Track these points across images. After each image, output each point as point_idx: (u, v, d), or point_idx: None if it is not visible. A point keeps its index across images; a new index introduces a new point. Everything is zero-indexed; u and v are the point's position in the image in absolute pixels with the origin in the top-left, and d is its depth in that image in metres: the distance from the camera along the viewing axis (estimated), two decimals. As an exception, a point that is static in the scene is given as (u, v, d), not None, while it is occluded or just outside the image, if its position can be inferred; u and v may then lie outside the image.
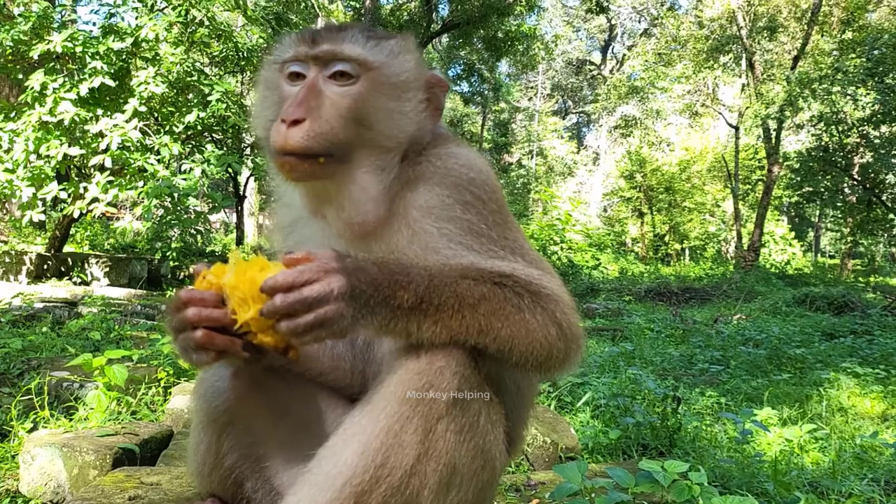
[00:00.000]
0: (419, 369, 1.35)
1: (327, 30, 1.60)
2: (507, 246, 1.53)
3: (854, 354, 8.46)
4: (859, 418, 5.80)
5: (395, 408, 1.32)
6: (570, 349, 1.48)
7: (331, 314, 1.25)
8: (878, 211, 23.44)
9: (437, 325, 1.34)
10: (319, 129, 1.48)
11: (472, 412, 1.39)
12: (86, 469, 2.82)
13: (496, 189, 1.59)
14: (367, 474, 1.29)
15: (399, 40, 1.63)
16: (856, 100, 19.84)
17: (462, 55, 29.48)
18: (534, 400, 1.83)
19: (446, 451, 1.33)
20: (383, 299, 1.29)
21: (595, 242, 27.45)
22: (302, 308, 1.24)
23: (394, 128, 1.57)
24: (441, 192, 1.53)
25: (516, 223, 1.65)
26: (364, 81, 1.55)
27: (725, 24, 26.98)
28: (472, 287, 1.37)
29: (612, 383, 5.73)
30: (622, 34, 48.31)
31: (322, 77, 1.55)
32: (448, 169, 1.56)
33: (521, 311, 1.40)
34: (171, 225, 11.17)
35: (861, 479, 3.37)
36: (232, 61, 12.69)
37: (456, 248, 1.49)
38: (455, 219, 1.51)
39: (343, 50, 1.54)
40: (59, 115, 10.06)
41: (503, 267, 1.46)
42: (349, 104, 1.53)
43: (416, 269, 1.35)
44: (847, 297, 14.40)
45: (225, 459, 1.73)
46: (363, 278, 1.29)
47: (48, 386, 4.16)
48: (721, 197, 34.85)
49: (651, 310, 14.62)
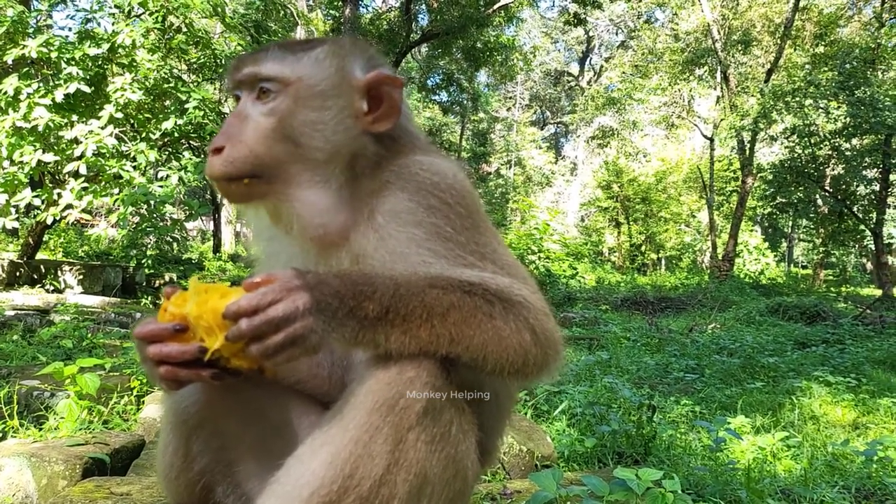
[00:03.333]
0: (389, 379, 1.34)
1: (252, 53, 1.61)
2: (476, 251, 1.52)
3: (826, 363, 8.57)
4: (831, 426, 5.87)
5: (364, 418, 1.31)
6: (547, 354, 1.47)
7: (300, 331, 1.24)
8: (849, 222, 23.87)
9: (406, 335, 1.33)
10: (236, 154, 1.51)
11: (444, 422, 1.38)
12: (55, 479, 2.78)
13: (465, 194, 1.57)
14: (335, 484, 1.27)
15: (326, 47, 1.61)
16: (828, 112, 20.21)
17: (441, 65, 29.55)
18: (511, 409, 1.81)
19: (417, 460, 1.32)
20: (349, 311, 1.28)
21: (572, 252, 27.52)
22: (269, 329, 1.23)
23: (321, 140, 1.55)
24: (406, 196, 1.52)
25: (491, 229, 1.63)
26: (284, 97, 1.54)
27: (701, 37, 27.42)
28: (441, 296, 1.35)
29: (589, 392, 5.75)
30: (600, 46, 48.85)
31: (251, 100, 1.57)
32: (412, 174, 1.55)
33: (492, 318, 1.39)
34: (146, 232, 11.05)
35: (832, 486, 3.40)
36: (210, 68, 12.60)
37: (423, 254, 1.48)
38: (421, 223, 1.49)
39: (261, 70, 1.55)
40: (33, 121, 9.91)
41: (471, 276, 1.44)
42: (271, 123, 1.53)
43: (380, 279, 1.34)
44: (819, 307, 14.62)
45: (194, 463, 1.69)
46: (327, 291, 1.28)
47: (18, 395, 4.11)
48: (696, 207, 35.29)
49: (627, 319, 14.72)
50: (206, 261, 19.85)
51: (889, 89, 20.28)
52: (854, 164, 21.01)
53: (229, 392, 1.66)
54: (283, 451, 1.47)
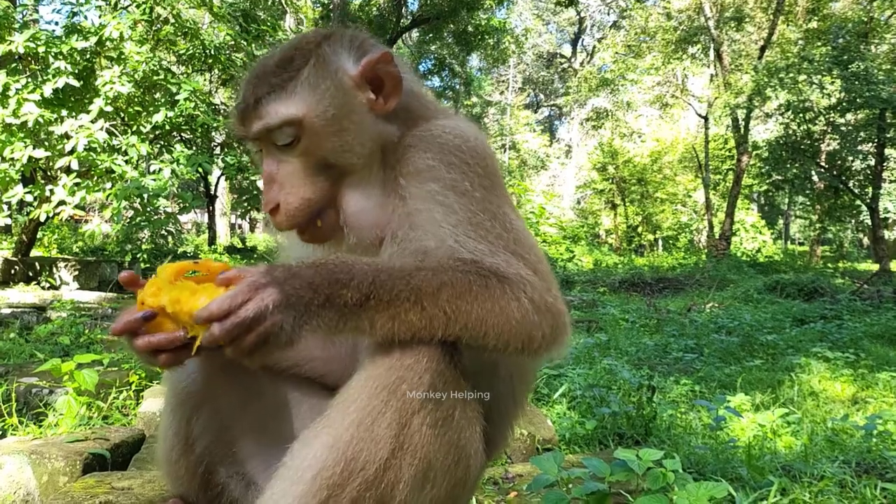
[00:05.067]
0: (390, 364, 1.33)
1: (247, 104, 1.56)
2: (488, 210, 1.50)
3: (824, 339, 8.61)
4: (830, 402, 5.90)
5: (365, 401, 1.31)
6: (553, 327, 1.44)
7: (270, 328, 1.24)
8: (845, 197, 23.88)
9: (394, 320, 1.32)
10: (295, 204, 1.54)
11: (447, 407, 1.37)
12: (56, 476, 2.78)
13: (486, 156, 1.57)
14: (337, 467, 1.27)
15: (312, 64, 1.56)
16: (822, 88, 20.16)
17: (432, 50, 29.41)
18: (523, 400, 1.79)
19: (421, 445, 1.32)
20: (326, 300, 1.28)
21: (569, 235, 27.57)
22: (241, 331, 1.23)
23: (353, 155, 1.56)
24: (428, 156, 1.53)
25: (507, 195, 1.62)
26: (303, 136, 1.54)
27: (693, 15, 27.28)
28: (431, 277, 1.34)
29: (588, 374, 5.76)
30: (592, 27, 48.59)
31: (274, 149, 1.57)
32: (434, 136, 1.56)
33: (488, 291, 1.38)
34: (141, 227, 11.02)
35: (833, 461, 3.41)
36: (199, 59, 12.48)
37: (436, 209, 1.48)
38: (439, 178, 1.50)
39: (269, 121, 1.53)
40: (22, 117, 9.85)
41: (464, 254, 1.44)
42: (305, 163, 1.55)
43: (360, 265, 1.33)
44: (816, 284, 14.66)
45: (195, 445, 1.69)
46: (298, 284, 1.27)
47: (16, 392, 4.10)
48: (692, 187, 35.26)
49: (625, 300, 14.75)
50: (202, 253, 19.81)
51: (883, 63, 20.24)
52: (849, 140, 21.00)
53: (229, 372, 1.67)
54: (283, 431, 1.53)
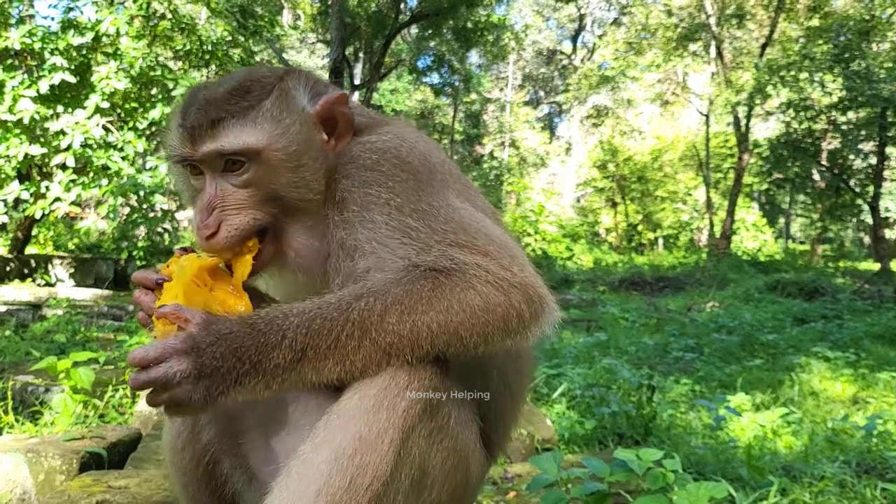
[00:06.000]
0: (385, 378, 1.33)
1: (200, 124, 1.50)
2: (416, 210, 1.45)
3: (825, 339, 8.60)
4: (830, 402, 5.88)
5: (364, 416, 1.30)
6: (528, 300, 1.39)
7: (178, 397, 1.24)
8: (846, 196, 23.87)
9: (343, 364, 1.31)
10: (235, 228, 1.50)
11: (443, 415, 1.38)
12: (52, 474, 2.80)
13: (407, 158, 1.52)
14: (343, 482, 1.27)
15: (271, 100, 1.53)
16: (823, 86, 20.13)
17: (431, 46, 29.31)
18: (520, 400, 1.79)
19: (420, 455, 1.33)
20: (251, 367, 1.27)
21: (568, 233, 27.57)
22: (154, 387, 1.25)
23: (305, 191, 1.54)
24: (347, 183, 1.51)
25: (447, 186, 1.56)
26: (256, 165, 1.51)
27: (694, 12, 27.20)
28: (374, 303, 1.32)
29: (588, 374, 5.74)
30: (592, 23, 48.48)
31: (217, 175, 1.52)
32: (351, 160, 1.54)
33: (438, 289, 1.34)
34: (137, 224, 11.01)
35: (833, 461, 3.39)
36: (196, 55, 12.45)
37: (359, 229, 1.46)
38: (357, 200, 1.48)
39: (223, 146, 1.49)
40: (18, 114, 9.86)
41: (398, 263, 1.40)
42: (251, 192, 1.52)
43: (293, 317, 1.31)
44: (817, 283, 14.66)
45: (202, 434, 1.69)
46: (219, 353, 1.26)
47: (12, 391, 4.13)
48: (693, 185, 35.20)
49: (625, 299, 14.75)
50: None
51: (884, 61, 20.17)
52: (850, 138, 20.98)
53: None
54: (289, 425, 1.55)
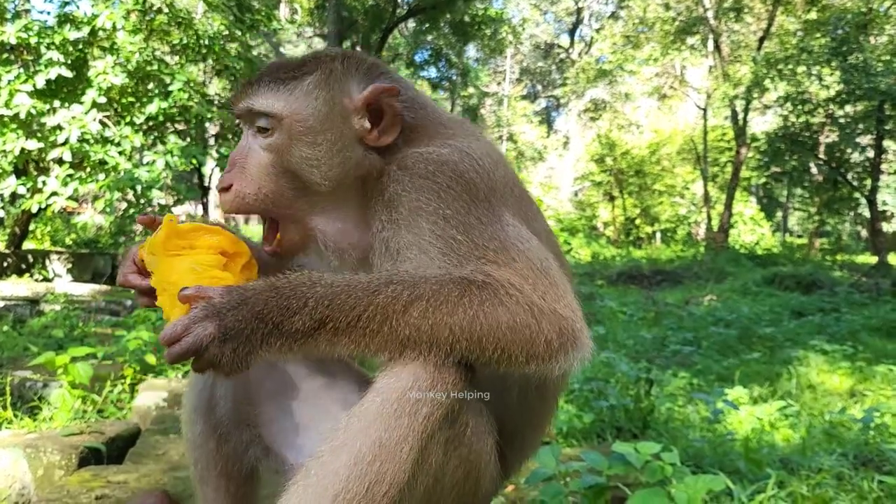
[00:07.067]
0: (407, 382, 1.32)
1: (248, 82, 1.59)
2: (463, 224, 1.43)
3: (822, 332, 8.61)
4: (828, 395, 5.89)
5: (384, 421, 1.30)
6: (559, 332, 1.36)
7: (209, 360, 1.29)
8: (843, 190, 23.86)
9: (358, 343, 1.32)
10: (246, 190, 1.55)
11: (461, 423, 1.38)
12: (51, 469, 2.81)
13: (466, 173, 1.49)
14: (361, 487, 1.27)
15: (317, 75, 1.55)
16: (821, 79, 20.11)
17: (429, 40, 29.24)
18: (541, 423, 1.79)
19: (435, 463, 1.34)
20: (274, 328, 1.30)
21: (566, 227, 27.57)
22: (189, 356, 1.30)
23: (318, 175, 1.54)
24: (398, 188, 1.50)
25: (502, 204, 1.53)
26: (279, 133, 1.54)
27: (692, 5, 27.12)
28: (401, 291, 1.32)
29: (586, 367, 5.73)
30: (589, 17, 48.35)
31: (251, 133, 1.58)
32: (407, 167, 1.52)
33: (466, 297, 1.33)
34: (134, 218, 10.97)
35: (830, 454, 3.40)
36: (193, 49, 12.39)
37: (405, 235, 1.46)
38: (406, 205, 1.47)
39: (254, 105, 1.55)
40: (14, 108, 9.83)
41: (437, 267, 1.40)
42: (270, 158, 1.55)
43: (320, 287, 1.33)
44: (815, 276, 14.68)
45: (217, 408, 1.73)
46: (242, 315, 1.29)
47: (10, 386, 4.15)
48: (691, 179, 35.17)
49: (623, 293, 14.76)
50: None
51: (882, 55, 20.13)
52: (848, 132, 20.95)
53: None
54: (300, 399, 1.61)
